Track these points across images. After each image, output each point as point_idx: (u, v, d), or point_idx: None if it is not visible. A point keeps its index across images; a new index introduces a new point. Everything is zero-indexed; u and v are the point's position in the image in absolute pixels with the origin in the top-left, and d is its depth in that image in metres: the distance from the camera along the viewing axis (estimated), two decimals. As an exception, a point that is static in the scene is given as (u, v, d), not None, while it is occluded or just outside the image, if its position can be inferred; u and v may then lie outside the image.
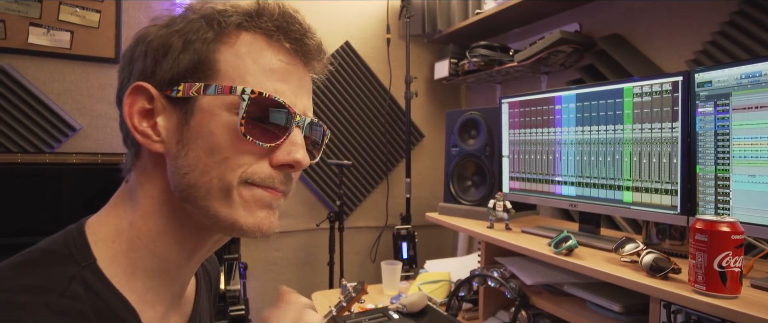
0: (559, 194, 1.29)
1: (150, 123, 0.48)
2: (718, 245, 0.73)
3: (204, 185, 0.46)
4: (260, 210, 0.49)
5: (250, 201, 0.48)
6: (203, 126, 0.46)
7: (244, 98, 0.46)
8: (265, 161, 0.48)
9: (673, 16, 1.41)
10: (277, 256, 2.17)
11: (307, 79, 0.54)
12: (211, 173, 0.46)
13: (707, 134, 0.93)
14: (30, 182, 1.60)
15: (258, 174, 0.48)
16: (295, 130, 0.49)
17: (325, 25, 2.20)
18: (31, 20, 1.71)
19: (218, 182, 0.46)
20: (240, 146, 0.46)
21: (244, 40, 0.48)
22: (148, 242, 0.48)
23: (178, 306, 0.56)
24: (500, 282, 1.22)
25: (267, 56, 0.49)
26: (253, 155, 0.47)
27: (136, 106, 0.48)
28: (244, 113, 0.45)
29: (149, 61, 0.48)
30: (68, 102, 1.77)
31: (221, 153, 0.46)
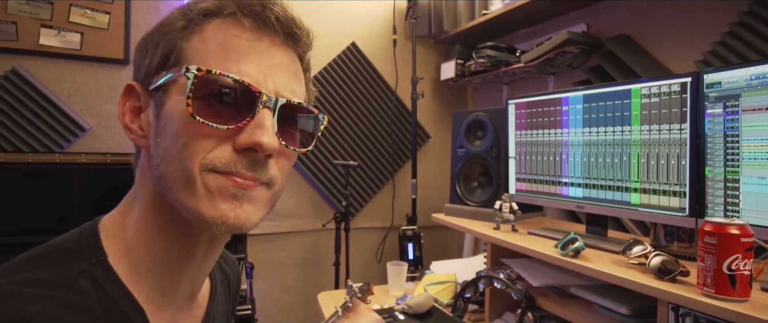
0: (566, 196, 1.28)
1: (139, 120, 0.49)
2: (728, 247, 0.73)
3: (170, 175, 0.45)
4: (223, 201, 0.45)
5: (213, 191, 0.44)
6: (169, 114, 0.45)
7: (188, 76, 0.43)
8: (228, 146, 0.45)
9: (682, 16, 1.39)
10: (283, 256, 2.18)
11: (282, 57, 0.49)
12: (174, 162, 0.45)
13: (716, 135, 0.92)
14: (40, 182, 1.62)
15: (219, 159, 0.44)
16: (263, 111, 0.45)
17: (332, 25, 2.21)
18: (43, 22, 1.73)
19: (180, 171, 0.44)
20: (195, 129, 0.44)
21: (211, 25, 0.47)
22: (147, 239, 0.48)
23: (189, 310, 0.56)
24: (506, 284, 1.22)
25: (229, 36, 0.47)
26: (214, 140, 0.44)
27: (127, 105, 0.50)
28: (189, 93, 0.43)
29: (137, 61, 0.50)
30: (78, 102, 1.79)
31: (180, 139, 0.44)
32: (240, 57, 0.46)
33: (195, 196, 0.44)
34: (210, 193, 0.44)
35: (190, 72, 0.43)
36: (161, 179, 0.45)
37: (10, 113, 1.67)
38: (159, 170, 0.46)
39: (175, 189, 0.45)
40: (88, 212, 0.51)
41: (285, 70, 0.49)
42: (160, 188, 0.46)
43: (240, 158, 0.45)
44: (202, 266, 0.53)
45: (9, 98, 1.67)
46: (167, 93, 0.46)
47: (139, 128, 0.49)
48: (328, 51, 2.20)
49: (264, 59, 0.47)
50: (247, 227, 0.46)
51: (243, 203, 0.46)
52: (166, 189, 0.45)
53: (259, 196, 0.47)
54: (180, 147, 0.44)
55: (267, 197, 0.49)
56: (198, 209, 0.44)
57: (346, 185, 2.03)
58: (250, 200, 0.46)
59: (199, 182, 0.44)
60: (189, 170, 0.44)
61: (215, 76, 0.44)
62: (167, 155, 0.45)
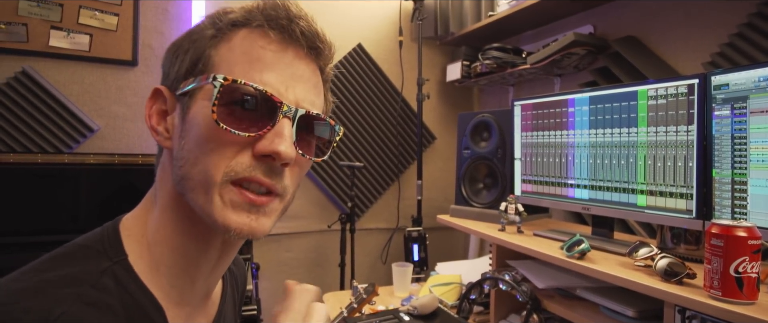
0: (571, 198, 1.28)
1: (164, 123, 0.51)
2: (735, 250, 0.72)
3: (193, 177, 0.47)
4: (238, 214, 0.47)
5: (228, 203, 0.47)
6: (194, 118, 0.48)
7: (216, 84, 0.45)
8: (248, 152, 0.47)
9: (689, 17, 1.39)
10: (288, 257, 2.19)
11: (304, 69, 0.51)
12: (198, 165, 0.46)
13: (724, 137, 0.92)
14: (49, 182, 1.64)
15: (240, 165, 0.46)
16: (283, 120, 0.47)
17: (338, 27, 2.21)
18: (53, 23, 1.75)
19: (203, 175, 0.46)
20: (220, 136, 0.46)
21: (239, 35, 0.49)
22: (167, 236, 0.50)
23: (204, 308, 0.57)
24: (512, 286, 1.22)
25: (256, 47, 0.49)
26: (236, 146, 0.46)
27: (154, 108, 0.52)
28: (215, 100, 0.45)
29: (166, 66, 0.52)
30: (87, 103, 1.81)
31: (207, 144, 0.46)
32: (264, 67, 0.48)
33: (211, 203, 0.46)
34: (225, 204, 0.46)
35: (216, 80, 0.45)
36: (183, 180, 0.47)
37: (20, 114, 1.69)
38: (182, 170, 0.47)
39: (195, 192, 0.47)
40: (96, 212, 0.53)
41: (306, 81, 0.51)
42: (180, 188, 0.48)
43: (258, 164, 0.47)
44: (218, 266, 0.55)
45: (19, 99, 1.69)
46: (194, 98, 0.48)
47: (164, 130, 0.51)
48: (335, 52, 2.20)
49: (287, 71, 0.49)
50: (259, 235, 0.49)
51: (259, 216, 0.48)
52: (186, 190, 0.47)
53: (273, 210, 0.50)
54: (207, 151, 0.46)
55: (280, 209, 0.51)
56: (213, 215, 0.46)
57: (352, 186, 2.04)
58: (265, 214, 0.49)
59: (216, 192, 0.46)
60: (211, 177, 0.46)
61: (239, 86, 0.46)
62: (191, 158, 0.47)
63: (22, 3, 1.71)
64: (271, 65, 0.48)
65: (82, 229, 0.51)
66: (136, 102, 1.85)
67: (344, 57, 2.24)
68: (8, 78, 1.68)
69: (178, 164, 0.48)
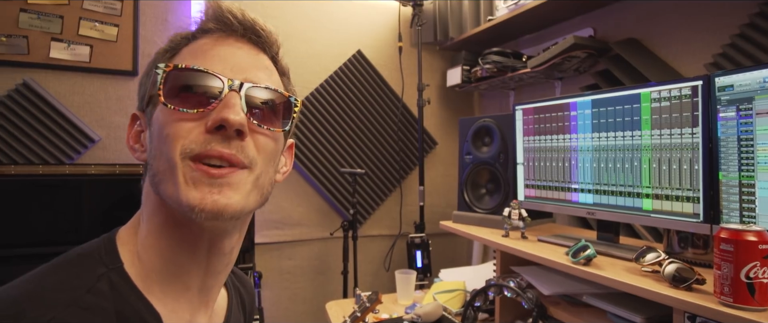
0: (576, 202, 1.26)
1: (141, 140, 0.55)
2: (745, 255, 0.71)
3: (159, 169, 0.48)
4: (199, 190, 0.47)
5: (189, 181, 0.47)
6: (155, 117, 0.51)
7: (158, 71, 0.49)
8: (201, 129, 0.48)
9: (690, 18, 1.38)
10: (290, 265, 2.17)
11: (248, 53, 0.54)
12: (161, 155, 0.48)
13: (730, 139, 0.90)
14: (51, 193, 1.64)
15: (194, 142, 0.47)
16: (230, 93, 0.49)
17: (337, 34, 2.21)
18: (53, 35, 1.75)
19: (166, 163, 0.48)
20: (171, 117, 0.48)
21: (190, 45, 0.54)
22: (154, 242, 0.51)
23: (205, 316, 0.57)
24: (517, 292, 1.20)
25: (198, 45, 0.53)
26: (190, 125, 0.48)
27: (132, 130, 0.56)
28: (160, 85, 0.48)
29: (139, 91, 0.56)
30: (87, 114, 1.81)
31: (163, 130, 0.49)
32: (204, 54, 0.52)
33: (176, 185, 0.47)
34: (187, 183, 0.47)
35: (159, 69, 0.49)
36: (154, 177, 0.49)
37: (21, 126, 1.69)
38: (153, 168, 0.50)
39: (163, 182, 0.48)
40: (98, 223, 0.54)
41: (251, 63, 0.53)
42: (154, 187, 0.50)
43: (213, 137, 0.48)
44: (209, 268, 0.54)
45: (20, 111, 1.69)
46: (153, 105, 0.52)
47: (140, 146, 0.55)
48: (334, 59, 2.20)
49: (229, 56, 0.52)
50: (227, 211, 0.48)
51: (222, 188, 0.48)
52: (157, 186, 0.49)
53: (240, 181, 0.49)
54: (164, 138, 0.48)
55: (250, 181, 0.50)
56: (178, 196, 0.47)
57: (354, 193, 2.02)
58: (231, 186, 0.48)
59: (179, 170, 0.47)
60: (171, 158, 0.47)
61: (181, 69, 0.49)
62: (156, 153, 0.49)
63: (23, 15, 1.71)
64: (211, 52, 0.52)
65: (83, 240, 0.53)
66: (136, 112, 1.85)
67: (344, 64, 2.24)
68: (9, 90, 1.68)
69: (150, 165, 0.50)
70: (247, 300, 0.72)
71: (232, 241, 0.56)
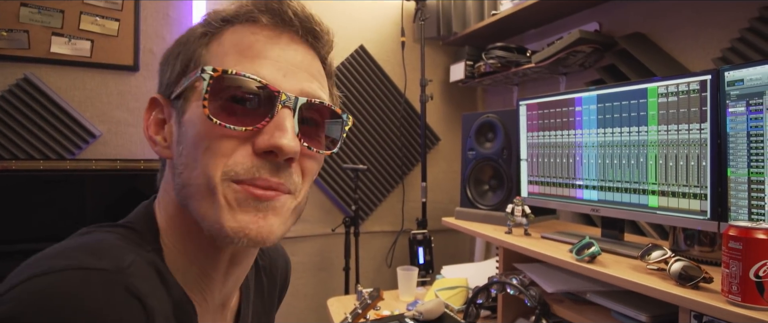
0: (580, 199, 1.25)
1: (163, 131, 0.49)
2: (755, 253, 0.69)
3: (193, 182, 0.44)
4: (245, 214, 0.43)
5: (232, 204, 0.43)
6: (189, 120, 0.45)
7: (204, 77, 0.42)
8: (247, 149, 0.43)
9: (698, 12, 1.35)
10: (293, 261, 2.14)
11: (303, 55, 0.48)
12: (197, 168, 0.43)
13: (739, 135, 0.88)
14: (52, 188, 1.63)
15: (240, 165, 0.43)
16: (283, 111, 0.43)
17: (339, 29, 2.18)
18: (54, 30, 1.74)
19: (203, 178, 0.43)
20: (214, 132, 0.43)
21: (230, 30, 0.47)
22: (176, 242, 0.48)
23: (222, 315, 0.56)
24: (520, 290, 1.19)
25: (246, 35, 0.46)
26: (233, 142, 0.43)
27: (151, 117, 0.50)
28: (205, 94, 0.42)
29: (161, 74, 0.50)
30: (88, 109, 1.80)
31: (202, 143, 0.43)
32: (256, 55, 0.45)
33: (216, 207, 0.43)
34: (230, 205, 0.43)
35: (205, 73, 0.42)
36: (184, 188, 0.45)
37: (23, 121, 1.68)
38: (182, 177, 0.45)
39: (197, 198, 0.44)
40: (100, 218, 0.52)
41: (305, 68, 0.48)
42: (181, 198, 0.45)
43: (262, 163, 0.43)
44: (231, 274, 0.52)
45: (21, 106, 1.68)
46: (187, 100, 0.45)
47: (162, 139, 0.49)
48: (337, 54, 2.17)
49: (282, 57, 0.46)
50: (270, 240, 0.44)
51: (267, 214, 0.44)
52: (188, 198, 0.44)
53: (283, 206, 0.45)
54: (203, 151, 0.43)
55: (292, 207, 0.47)
56: (219, 220, 0.42)
57: (356, 189, 2.01)
58: (275, 211, 0.44)
59: (220, 192, 0.42)
60: (211, 178, 0.43)
61: (231, 76, 0.43)
62: (190, 162, 0.44)
63: (24, 10, 1.70)
64: (264, 52, 0.45)
65: None
66: (137, 107, 1.84)
67: (346, 59, 2.22)
68: (10, 85, 1.68)
69: (178, 171, 0.45)
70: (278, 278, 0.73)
71: (253, 256, 0.55)
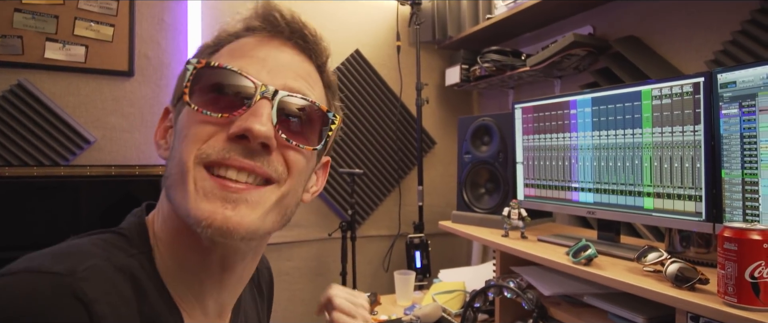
0: (576, 201, 1.25)
1: (167, 136, 0.52)
2: (750, 254, 0.69)
3: (171, 171, 0.46)
4: (209, 202, 0.42)
5: (200, 192, 0.43)
6: (180, 118, 0.48)
7: (189, 67, 0.45)
8: (222, 135, 0.44)
9: (691, 15, 1.36)
10: (289, 266, 2.15)
11: (291, 58, 0.50)
12: (176, 156, 0.45)
13: (733, 136, 0.89)
14: (46, 195, 1.62)
15: (212, 147, 0.44)
16: (261, 102, 0.44)
17: (335, 33, 2.20)
18: (48, 35, 1.74)
19: (179, 165, 0.44)
20: (193, 118, 0.45)
21: (234, 42, 0.51)
22: (168, 244, 0.48)
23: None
24: (517, 293, 1.19)
25: (242, 42, 0.50)
26: (211, 129, 0.44)
27: (161, 125, 0.53)
28: (187, 81, 0.45)
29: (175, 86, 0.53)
30: (83, 115, 1.79)
31: (183, 131, 0.46)
32: (243, 54, 0.48)
33: (186, 193, 0.43)
34: (197, 192, 0.43)
35: (189, 64, 0.46)
36: (166, 179, 0.47)
37: (16, 127, 1.67)
38: (166, 170, 0.47)
39: (174, 186, 0.45)
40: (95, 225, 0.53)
41: (293, 69, 0.49)
42: (165, 191, 0.47)
43: (234, 146, 0.44)
44: (225, 281, 0.51)
45: (15, 112, 1.67)
46: (182, 103, 0.48)
47: (165, 143, 0.52)
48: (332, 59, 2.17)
49: (270, 56, 0.48)
50: (238, 231, 0.43)
51: (238, 205, 0.43)
52: (168, 189, 0.46)
53: (260, 199, 0.45)
54: (182, 138, 0.45)
55: (273, 199, 0.46)
56: (186, 207, 0.43)
57: (352, 194, 2.01)
58: (247, 203, 0.44)
59: (190, 177, 0.43)
60: (184, 163, 0.44)
61: (213, 68, 0.45)
62: (173, 154, 0.46)
63: (17, 15, 1.69)
64: (251, 52, 0.48)
65: None
66: (132, 113, 1.83)
67: (342, 63, 2.22)
68: (4, 91, 1.67)
69: (166, 167, 0.48)
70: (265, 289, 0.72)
71: (244, 263, 0.52)
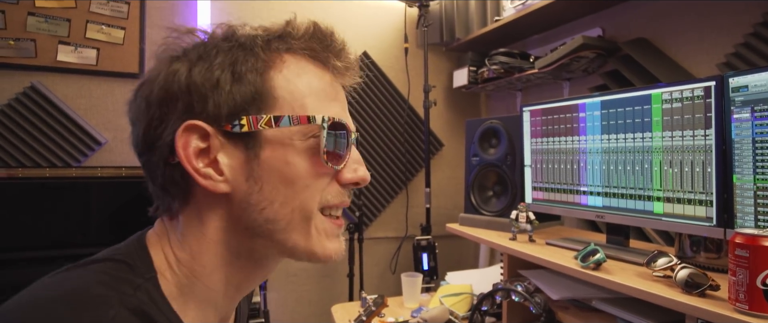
0: (584, 205, 1.24)
1: (209, 163, 0.46)
2: (762, 261, 0.68)
3: (284, 218, 0.48)
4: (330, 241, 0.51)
5: (321, 233, 0.50)
6: (277, 158, 0.47)
7: (324, 125, 0.47)
8: (334, 182, 0.51)
9: (702, 17, 1.35)
10: (296, 268, 2.16)
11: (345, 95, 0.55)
12: (292, 204, 0.48)
13: (744, 141, 0.88)
14: (58, 196, 1.64)
15: (331, 194, 0.50)
16: (354, 148, 0.52)
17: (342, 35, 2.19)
18: (60, 38, 1.76)
19: (300, 213, 0.48)
20: (318, 170, 0.48)
21: (289, 63, 0.49)
22: (205, 275, 0.48)
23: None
24: (525, 297, 1.18)
25: (316, 78, 0.50)
26: (327, 178, 0.50)
27: (191, 146, 0.44)
28: (325, 141, 0.48)
29: (196, 99, 0.45)
30: (94, 117, 1.82)
31: (302, 181, 0.48)
32: (330, 98, 0.51)
33: (308, 237, 0.49)
34: (319, 234, 0.50)
35: (325, 122, 0.47)
36: (269, 223, 0.47)
37: (29, 129, 1.70)
38: (266, 213, 0.47)
39: (289, 231, 0.48)
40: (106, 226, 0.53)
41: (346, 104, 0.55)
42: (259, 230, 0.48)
43: (347, 191, 0.52)
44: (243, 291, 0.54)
45: (28, 114, 1.70)
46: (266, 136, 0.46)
47: (217, 173, 0.46)
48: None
49: (341, 98, 0.53)
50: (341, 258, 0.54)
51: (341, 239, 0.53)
52: (272, 232, 0.48)
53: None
54: (301, 188, 0.48)
55: None
56: (310, 248, 0.49)
57: (360, 195, 2.01)
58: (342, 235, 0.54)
59: (313, 223, 0.49)
60: (309, 211, 0.48)
61: (336, 123, 0.49)
62: (280, 198, 0.47)
63: (31, 19, 1.72)
64: (333, 97, 0.52)
65: (91, 242, 0.50)
66: (143, 115, 1.85)
67: (350, 65, 2.23)
68: (17, 93, 1.70)
69: (259, 208, 0.47)
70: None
71: None
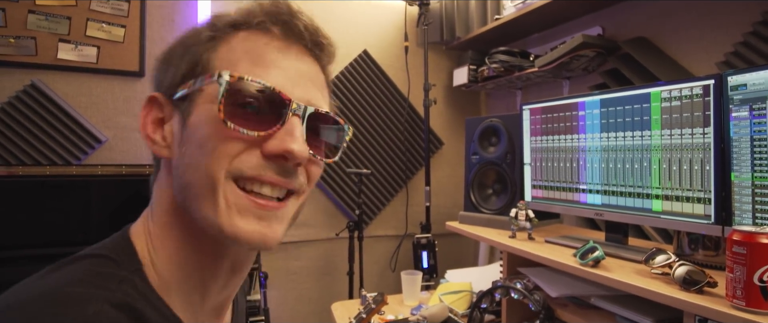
0: (584, 203, 1.25)
1: (161, 131, 0.49)
2: (759, 258, 0.69)
3: (195, 183, 0.44)
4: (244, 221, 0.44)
5: (232, 207, 0.44)
6: (197, 121, 0.46)
7: (221, 82, 0.43)
8: (256, 151, 0.45)
9: (701, 16, 1.35)
10: (297, 266, 2.17)
11: (309, 67, 0.50)
12: (200, 168, 0.44)
13: (742, 139, 0.88)
14: (59, 194, 1.65)
15: (245, 163, 0.44)
16: (293, 119, 0.45)
17: (343, 34, 2.21)
18: (61, 36, 1.76)
19: (205, 178, 0.44)
20: (225, 134, 0.44)
21: (239, 36, 0.48)
22: (171, 253, 0.47)
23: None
24: (524, 294, 1.19)
25: (259, 45, 0.47)
26: (241, 145, 0.44)
27: (149, 116, 0.49)
28: (221, 98, 0.43)
29: (160, 73, 0.51)
30: (94, 115, 1.82)
31: (209, 143, 0.44)
32: (269, 65, 0.46)
33: (216, 207, 0.44)
34: (230, 208, 0.44)
35: (222, 78, 0.43)
36: (185, 188, 0.45)
37: (29, 127, 1.70)
38: (183, 179, 0.45)
39: (199, 198, 0.44)
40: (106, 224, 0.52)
41: (311, 79, 0.50)
42: (181, 198, 0.46)
43: (269, 164, 0.45)
44: (230, 282, 0.52)
45: (28, 112, 1.70)
46: (193, 102, 0.46)
47: (161, 139, 0.49)
48: (340, 59, 2.20)
49: (292, 68, 0.48)
50: (272, 245, 0.46)
51: (271, 222, 0.46)
52: (189, 200, 0.45)
53: (286, 213, 0.48)
54: (207, 152, 0.44)
55: (294, 210, 0.49)
56: (217, 222, 0.44)
57: (359, 193, 2.02)
58: (277, 219, 0.47)
59: (220, 193, 0.44)
60: (213, 176, 0.44)
61: (246, 83, 0.44)
62: (193, 162, 0.45)
63: (31, 16, 1.72)
64: (275, 62, 0.47)
65: (92, 240, 0.49)
66: (143, 113, 1.86)
67: (350, 64, 2.23)
68: (17, 91, 1.70)
69: (179, 173, 0.46)
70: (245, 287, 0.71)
71: (251, 262, 0.55)
